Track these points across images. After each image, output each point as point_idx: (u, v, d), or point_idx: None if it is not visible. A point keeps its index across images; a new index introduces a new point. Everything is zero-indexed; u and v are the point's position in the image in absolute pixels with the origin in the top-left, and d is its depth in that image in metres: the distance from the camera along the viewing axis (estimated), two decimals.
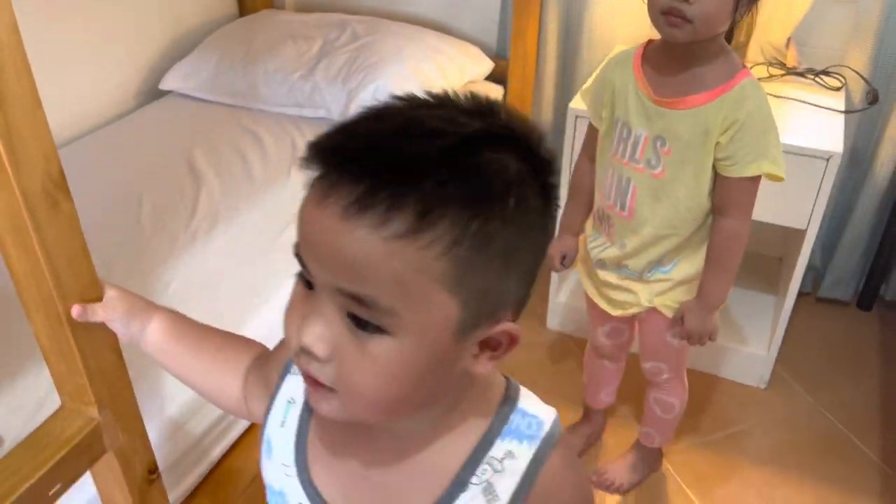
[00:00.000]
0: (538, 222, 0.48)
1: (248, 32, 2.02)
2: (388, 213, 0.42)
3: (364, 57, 1.86)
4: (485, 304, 0.46)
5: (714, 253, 1.16)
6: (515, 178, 0.45)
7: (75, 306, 0.69)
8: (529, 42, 1.96)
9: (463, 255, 0.43)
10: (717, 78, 1.05)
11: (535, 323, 1.94)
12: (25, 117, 0.60)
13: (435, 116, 0.45)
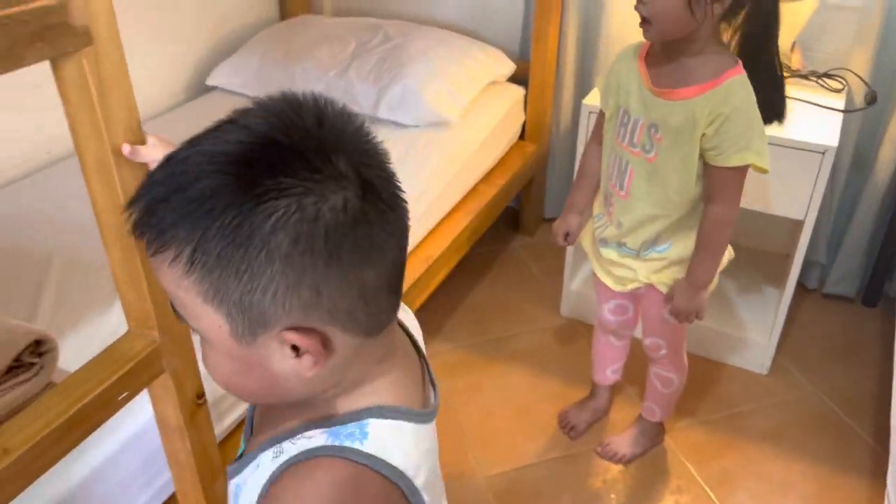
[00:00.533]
0: (312, 233, 0.46)
1: (288, 34, 2.18)
2: (143, 239, 0.48)
3: (394, 57, 2.01)
4: (249, 316, 0.48)
5: (702, 236, 1.26)
6: (244, 187, 0.45)
7: (125, 144, 0.76)
8: (550, 45, 2.09)
9: (204, 273, 0.47)
10: (707, 74, 1.15)
11: (550, 309, 2.05)
12: (115, 79, 0.75)
13: (215, 129, 0.49)
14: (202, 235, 0.46)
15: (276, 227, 0.45)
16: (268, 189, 0.45)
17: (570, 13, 2.07)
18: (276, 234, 0.45)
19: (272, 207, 0.45)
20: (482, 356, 1.89)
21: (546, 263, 2.24)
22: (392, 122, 1.95)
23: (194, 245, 0.46)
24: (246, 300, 0.47)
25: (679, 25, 1.11)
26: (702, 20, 1.10)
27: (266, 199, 0.45)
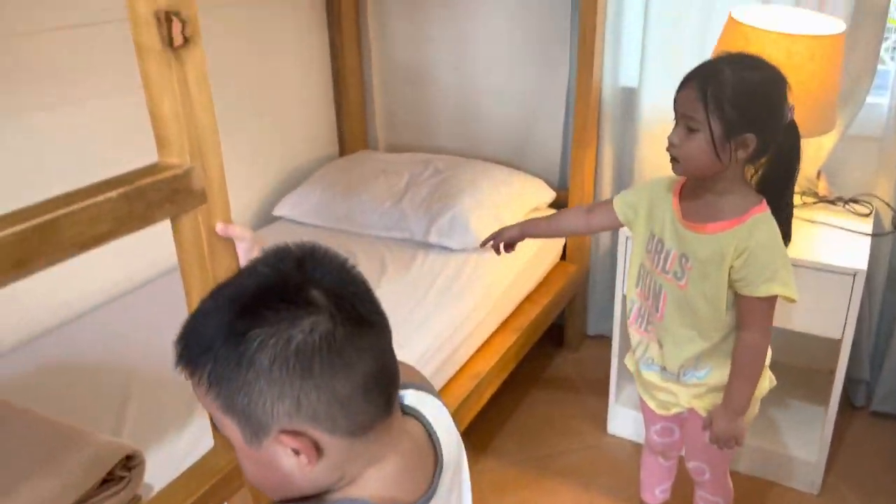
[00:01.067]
0: (296, 353, 0.58)
1: (347, 169, 2.39)
2: (183, 369, 0.63)
3: (444, 189, 2.18)
4: (251, 423, 0.60)
5: (736, 363, 1.32)
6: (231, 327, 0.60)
7: (219, 223, 0.90)
8: (587, 175, 2.25)
9: (218, 390, 0.60)
10: (734, 210, 1.26)
11: (596, 426, 2.09)
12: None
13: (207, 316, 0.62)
14: (213, 361, 0.60)
15: (257, 351, 0.58)
16: (254, 321, 0.58)
17: (605, 145, 2.24)
18: (259, 356, 0.58)
19: (255, 335, 0.58)
20: (531, 473, 1.93)
21: (591, 379, 2.29)
22: (441, 247, 2.10)
23: (209, 369, 0.60)
24: (247, 411, 0.60)
25: (706, 167, 1.23)
26: (727, 164, 1.22)
27: (252, 329, 0.58)
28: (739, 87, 1.18)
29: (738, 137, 1.20)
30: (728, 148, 1.20)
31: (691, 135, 1.22)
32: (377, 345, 0.64)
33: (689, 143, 1.22)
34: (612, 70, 2.17)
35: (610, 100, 2.20)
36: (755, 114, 1.20)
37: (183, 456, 1.30)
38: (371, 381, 0.62)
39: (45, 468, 1.07)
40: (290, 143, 2.46)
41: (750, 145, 1.21)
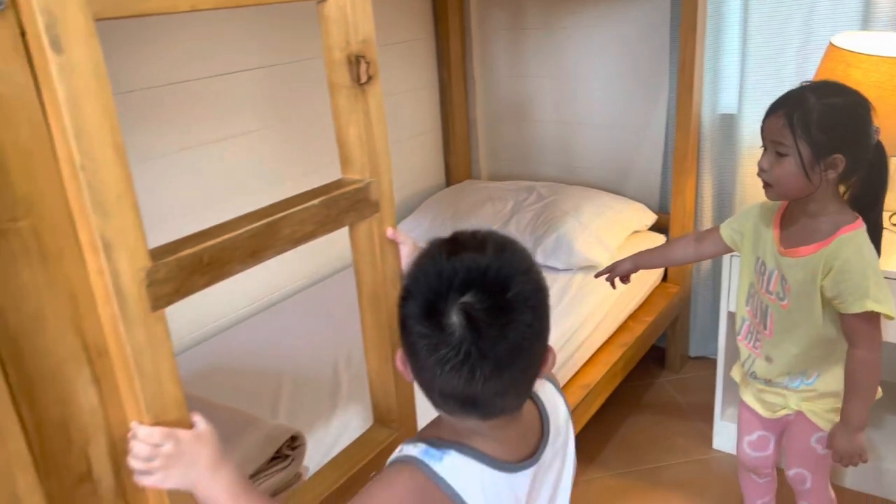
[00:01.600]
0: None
1: (455, 197, 2.56)
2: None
3: (548, 213, 2.32)
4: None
5: (849, 379, 1.37)
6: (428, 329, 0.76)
7: (389, 228, 1.04)
8: (688, 198, 2.33)
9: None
10: (823, 233, 1.32)
11: (701, 443, 2.14)
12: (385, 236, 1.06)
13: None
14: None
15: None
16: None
17: (704, 170, 2.33)
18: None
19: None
20: (639, 484, 2.00)
21: (694, 399, 2.35)
22: (547, 267, 2.22)
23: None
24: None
25: (797, 189, 1.30)
26: (818, 184, 1.29)
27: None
28: (824, 111, 1.25)
29: (827, 159, 1.26)
30: (818, 169, 1.27)
31: (780, 159, 1.29)
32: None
33: (779, 168, 1.29)
34: (711, 97, 2.26)
35: (709, 126, 2.29)
36: (841, 135, 1.26)
37: (330, 444, 1.46)
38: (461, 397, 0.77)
39: (228, 445, 1.24)
40: (402, 173, 2.66)
41: (839, 165, 1.27)
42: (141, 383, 0.76)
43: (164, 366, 0.78)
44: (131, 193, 0.72)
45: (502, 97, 2.73)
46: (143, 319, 0.75)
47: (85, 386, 0.74)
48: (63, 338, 0.72)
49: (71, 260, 0.71)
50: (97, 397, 0.75)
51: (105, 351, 0.75)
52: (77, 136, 0.67)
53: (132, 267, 0.73)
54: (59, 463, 0.73)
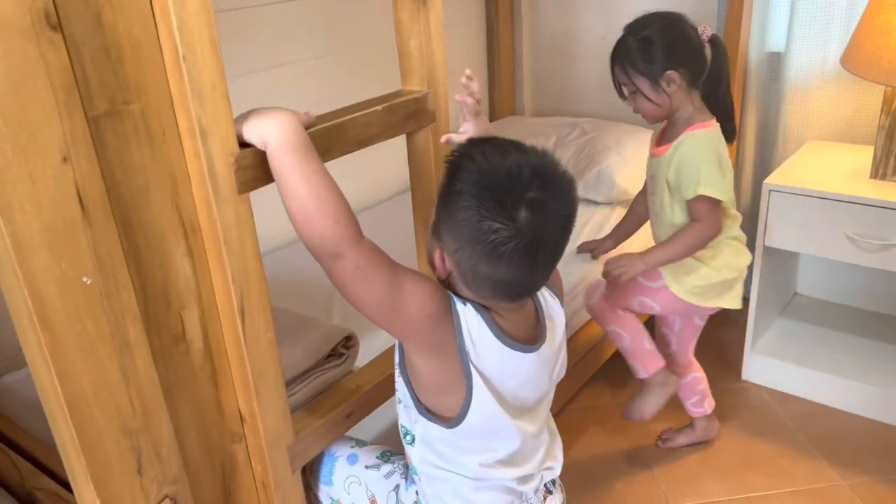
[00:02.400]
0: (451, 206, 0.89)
1: (498, 132, 2.61)
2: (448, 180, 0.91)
3: (590, 147, 2.37)
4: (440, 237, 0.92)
5: (674, 233, 1.55)
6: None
7: (443, 136, 1.10)
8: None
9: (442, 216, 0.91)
10: (675, 133, 1.52)
11: (730, 373, 2.21)
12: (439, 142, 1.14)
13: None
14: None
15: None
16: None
17: (749, 107, 2.34)
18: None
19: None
20: (669, 411, 2.08)
21: (727, 331, 2.40)
22: (587, 200, 2.28)
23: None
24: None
25: (656, 113, 1.51)
26: (668, 103, 1.48)
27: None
28: (640, 45, 1.44)
29: (661, 79, 1.45)
30: (660, 90, 1.46)
31: (634, 97, 1.51)
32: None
33: (636, 103, 1.52)
34: (758, 35, 2.26)
35: (756, 64, 2.30)
36: (663, 56, 1.44)
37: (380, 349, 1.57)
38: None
39: (289, 340, 1.36)
40: None
41: (676, 79, 1.45)
42: (229, 256, 0.86)
43: (248, 243, 0.88)
44: (224, 84, 0.81)
45: (548, 33, 2.75)
46: (232, 200, 0.85)
47: (181, 257, 0.85)
48: (164, 212, 0.82)
49: (172, 143, 0.81)
50: (191, 268, 0.86)
51: (198, 227, 0.86)
52: (180, 28, 0.76)
53: (223, 152, 0.83)
54: (160, 322, 0.84)
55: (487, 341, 0.92)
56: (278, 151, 0.83)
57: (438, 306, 0.89)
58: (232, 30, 1.92)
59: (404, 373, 0.96)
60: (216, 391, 0.93)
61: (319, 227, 0.82)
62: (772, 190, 1.97)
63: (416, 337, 0.91)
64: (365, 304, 0.88)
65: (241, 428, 0.97)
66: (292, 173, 0.82)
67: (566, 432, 1.98)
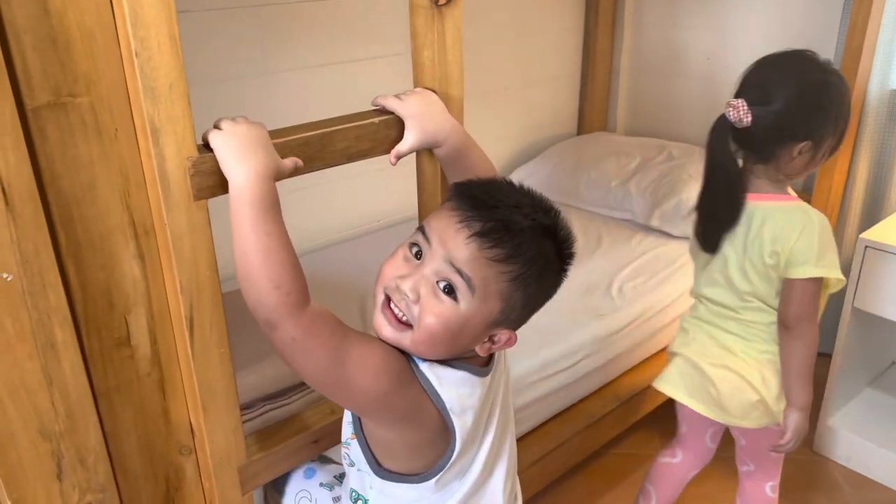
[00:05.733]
0: (551, 282, 0.84)
1: (582, 147, 2.48)
2: (495, 245, 0.78)
3: (674, 175, 2.19)
4: (509, 317, 0.82)
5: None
6: (550, 255, 0.82)
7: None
8: (836, 180, 2.10)
9: (516, 286, 0.80)
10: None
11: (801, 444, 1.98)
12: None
13: (529, 205, 0.81)
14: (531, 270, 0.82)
15: (549, 274, 0.85)
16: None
17: (861, 151, 2.08)
18: (549, 276, 0.85)
19: (555, 266, 0.86)
20: (720, 469, 1.88)
21: None
22: (661, 232, 2.11)
23: (523, 271, 0.81)
24: (515, 308, 0.84)
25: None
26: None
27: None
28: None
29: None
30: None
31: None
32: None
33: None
34: (881, 70, 2.00)
35: (875, 101, 2.04)
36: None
37: None
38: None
39: (269, 359, 1.30)
40: (532, 116, 2.60)
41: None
42: (178, 264, 0.81)
43: (202, 252, 0.83)
44: (183, 84, 0.76)
45: (650, 47, 2.57)
46: (186, 206, 0.80)
47: (130, 258, 0.81)
48: (112, 211, 0.78)
49: (125, 140, 0.77)
50: (140, 271, 0.82)
51: (152, 230, 0.81)
52: (134, 22, 0.71)
53: (178, 154, 0.78)
54: (101, 324, 0.81)
55: (458, 379, 0.84)
56: (236, 202, 0.77)
57: (394, 379, 0.80)
58: (312, 18, 1.90)
59: (360, 436, 0.87)
60: (163, 400, 0.88)
61: (258, 291, 0.75)
62: (868, 246, 1.73)
63: (376, 414, 0.83)
64: (308, 379, 0.81)
65: (192, 441, 0.93)
66: (243, 228, 0.76)
67: (605, 476, 1.85)
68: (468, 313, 0.79)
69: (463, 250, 0.78)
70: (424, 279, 0.80)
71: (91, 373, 0.81)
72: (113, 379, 0.83)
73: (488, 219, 0.78)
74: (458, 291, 0.79)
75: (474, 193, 0.81)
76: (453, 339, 0.80)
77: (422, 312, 0.79)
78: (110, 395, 0.84)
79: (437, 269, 0.79)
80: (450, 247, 0.79)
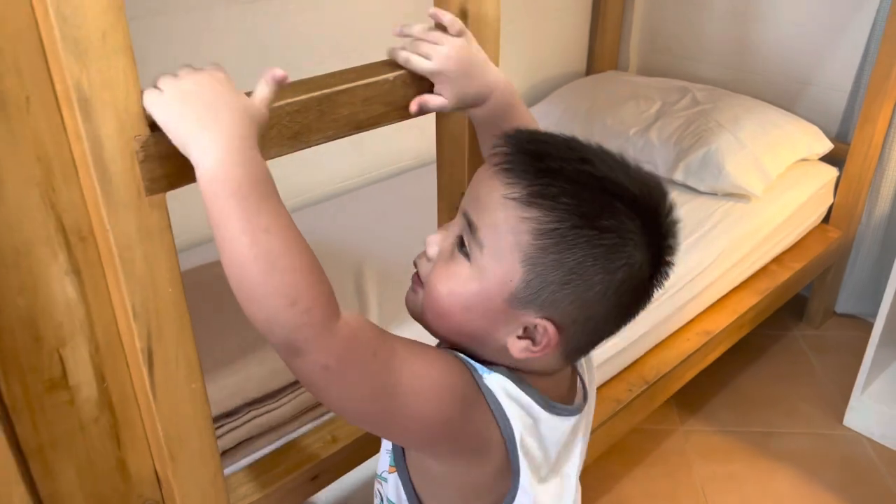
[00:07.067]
0: (630, 277, 0.59)
1: (594, 89, 2.24)
2: (516, 181, 0.58)
3: (700, 122, 1.96)
4: (538, 295, 0.59)
5: None
6: (623, 231, 0.58)
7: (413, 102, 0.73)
8: (878, 129, 1.91)
9: (544, 245, 0.57)
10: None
11: (830, 414, 1.85)
12: None
13: (607, 160, 0.60)
14: (576, 232, 0.58)
15: (620, 259, 0.60)
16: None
17: None
18: (618, 262, 0.60)
19: (639, 254, 0.61)
20: (745, 447, 1.75)
21: (832, 362, 2.02)
22: (686, 187, 1.91)
23: (560, 227, 0.57)
24: (547, 284, 0.60)
25: None
26: None
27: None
28: None
29: None
30: None
31: None
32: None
33: None
34: None
35: None
36: None
37: None
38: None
39: (259, 351, 1.10)
40: (538, 53, 2.34)
41: None
42: (127, 283, 0.59)
43: (160, 264, 0.61)
44: (123, 32, 0.53)
45: None
46: (135, 204, 0.58)
47: (60, 276, 0.59)
48: (30, 213, 0.56)
49: (43, 114, 0.54)
50: (76, 291, 0.60)
51: (89, 236, 0.59)
52: None
53: (121, 134, 0.55)
54: (24, 364, 0.59)
55: (540, 425, 0.65)
56: (210, 193, 0.53)
57: (457, 401, 0.61)
58: None
59: (403, 470, 0.69)
60: (118, 450, 0.68)
61: (267, 310, 0.54)
62: None
63: (432, 448, 0.64)
64: (345, 413, 0.61)
65: (159, 492, 0.73)
66: (229, 228, 0.53)
67: (624, 456, 1.71)
68: (477, 273, 0.61)
69: (477, 188, 0.62)
70: (450, 233, 0.65)
71: (15, 428, 0.60)
72: (46, 432, 0.62)
73: (529, 154, 0.60)
74: (469, 245, 0.62)
75: (534, 138, 0.64)
76: (463, 310, 0.62)
77: (432, 269, 0.65)
78: (44, 453, 0.63)
79: (459, 221, 0.64)
80: (470, 191, 0.64)
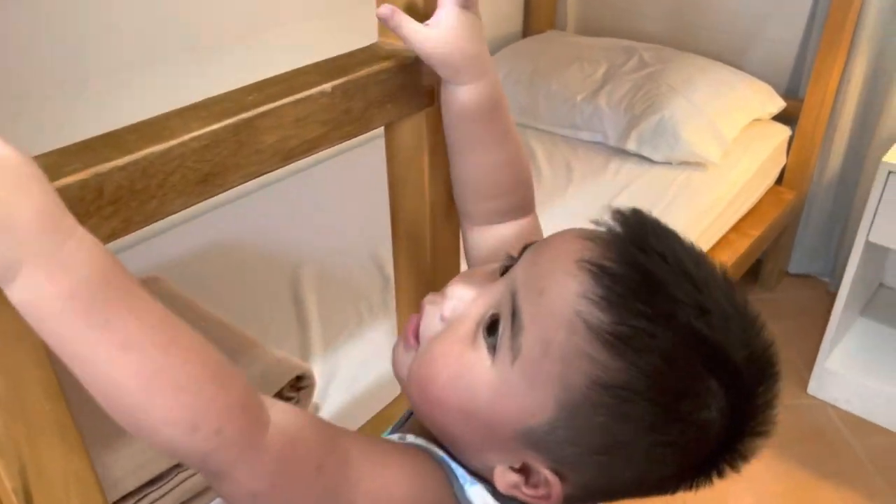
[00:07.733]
0: (678, 464, 0.48)
1: (535, 51, 2.09)
2: (604, 304, 0.44)
3: (650, 86, 1.84)
4: (560, 448, 0.46)
5: None
6: (699, 425, 0.46)
7: (384, 6, 0.56)
8: (830, 84, 1.83)
9: (599, 402, 0.44)
10: None
11: (792, 383, 1.81)
12: None
13: (727, 310, 0.46)
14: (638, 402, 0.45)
15: (674, 445, 0.47)
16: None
17: (859, 48, 1.80)
18: (671, 448, 0.48)
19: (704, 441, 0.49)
20: None
21: (790, 327, 1.98)
22: (639, 156, 1.80)
23: (620, 388, 0.45)
24: (573, 443, 0.47)
25: None
26: None
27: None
28: None
29: None
30: None
31: None
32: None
33: None
34: None
35: None
36: None
37: (359, 366, 1.15)
38: None
39: None
40: None
41: None
42: None
43: (27, 377, 0.44)
44: None
45: None
46: None
47: None
48: None
49: None
50: None
51: None
52: None
53: None
54: None
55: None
56: (34, 315, 0.36)
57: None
58: None
59: None
60: None
61: (164, 440, 0.39)
62: (892, 172, 1.47)
63: None
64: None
65: None
66: (77, 352, 0.36)
67: None
68: (497, 382, 0.47)
69: (545, 271, 0.47)
70: (481, 302, 0.50)
71: None
72: None
73: (640, 271, 0.45)
74: (501, 338, 0.47)
75: (652, 247, 0.47)
76: (459, 411, 0.49)
77: (438, 335, 0.50)
78: None
79: (500, 294, 0.49)
80: (534, 266, 0.48)
